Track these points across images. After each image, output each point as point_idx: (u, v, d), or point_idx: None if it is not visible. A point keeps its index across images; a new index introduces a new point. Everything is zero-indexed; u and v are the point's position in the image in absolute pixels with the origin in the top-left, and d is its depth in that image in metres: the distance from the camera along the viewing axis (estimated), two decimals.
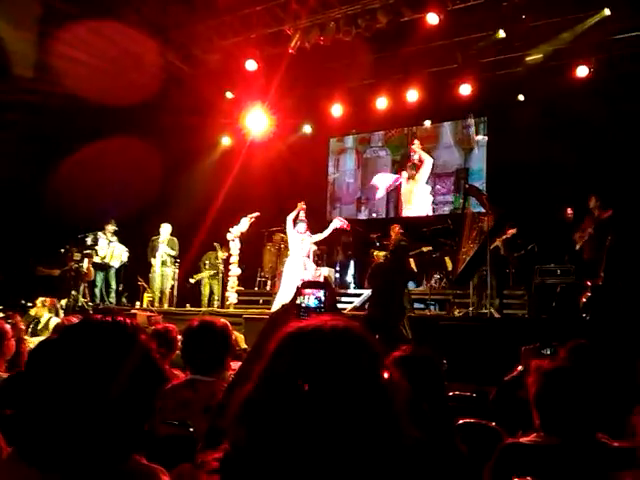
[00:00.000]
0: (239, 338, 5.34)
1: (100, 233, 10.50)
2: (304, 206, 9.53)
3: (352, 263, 11.47)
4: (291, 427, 0.94)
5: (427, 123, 12.16)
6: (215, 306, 10.60)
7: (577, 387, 1.90)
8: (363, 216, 12.98)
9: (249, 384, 1.04)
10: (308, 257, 9.54)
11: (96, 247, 10.28)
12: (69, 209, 10.05)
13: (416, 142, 11.32)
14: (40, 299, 7.20)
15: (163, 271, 10.55)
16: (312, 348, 1.00)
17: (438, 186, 12.09)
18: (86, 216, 10.63)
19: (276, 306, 9.01)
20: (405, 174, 11.30)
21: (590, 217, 8.24)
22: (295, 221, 9.32)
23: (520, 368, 2.96)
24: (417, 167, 11.16)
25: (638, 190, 8.46)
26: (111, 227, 10.68)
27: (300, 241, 9.23)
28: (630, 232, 7.81)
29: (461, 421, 2.46)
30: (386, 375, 1.03)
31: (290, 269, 9.27)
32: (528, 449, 1.86)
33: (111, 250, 10.52)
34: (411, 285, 9.23)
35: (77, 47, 9.09)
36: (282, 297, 8.95)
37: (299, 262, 9.24)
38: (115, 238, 10.72)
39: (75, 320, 4.40)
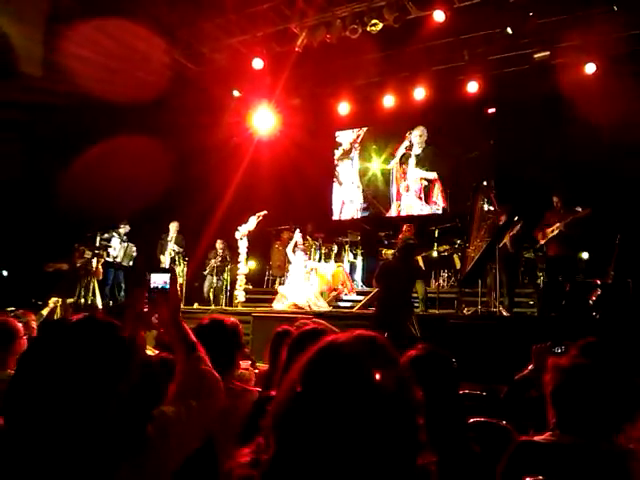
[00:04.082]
0: None
1: (113, 232, 10.55)
2: (300, 235, 10.07)
3: (360, 261, 11.46)
4: (321, 446, 0.95)
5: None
6: (223, 304, 10.64)
7: (596, 385, 1.88)
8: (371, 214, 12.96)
9: (278, 397, 1.06)
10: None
11: (108, 246, 10.32)
12: (78, 208, 10.10)
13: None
14: (52, 299, 7.21)
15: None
16: (340, 366, 1.02)
17: None
18: (95, 215, 10.69)
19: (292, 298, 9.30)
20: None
21: (554, 213, 8.19)
22: (294, 250, 9.83)
23: (531, 367, 2.95)
24: None
25: None
26: (125, 227, 10.71)
27: (303, 267, 9.75)
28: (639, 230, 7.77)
29: (472, 420, 2.45)
30: (409, 387, 1.04)
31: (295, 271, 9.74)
32: (542, 447, 1.84)
33: (123, 249, 10.57)
34: None
35: (85, 45, 9.11)
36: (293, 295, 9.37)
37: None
38: (126, 237, 10.77)
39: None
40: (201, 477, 1.95)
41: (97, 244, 10.22)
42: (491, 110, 11.18)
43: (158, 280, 1.69)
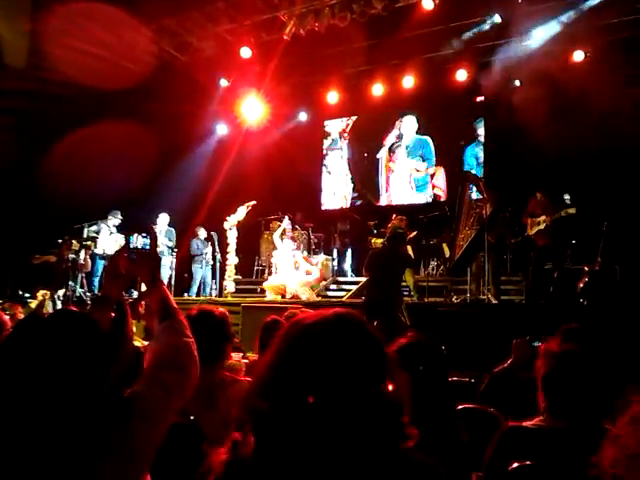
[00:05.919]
0: None
1: (102, 224, 10.43)
2: (289, 222, 9.97)
3: (349, 251, 11.47)
4: (297, 434, 0.94)
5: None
6: (213, 295, 10.62)
7: (588, 370, 1.90)
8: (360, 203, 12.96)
9: (255, 383, 1.04)
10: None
11: (96, 238, 10.21)
12: (65, 198, 10.01)
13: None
14: (41, 292, 7.16)
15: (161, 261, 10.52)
16: (316, 349, 1.01)
17: None
18: (82, 205, 10.59)
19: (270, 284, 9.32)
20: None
21: (538, 203, 8.10)
22: (282, 237, 9.75)
23: (510, 360, 2.98)
24: None
25: (633, 176, 8.46)
26: (115, 219, 10.55)
27: (291, 257, 9.69)
28: (626, 217, 7.82)
29: (460, 406, 2.47)
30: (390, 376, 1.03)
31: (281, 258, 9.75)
32: (532, 432, 1.85)
33: (112, 240, 10.46)
34: None
35: (70, 33, 9.01)
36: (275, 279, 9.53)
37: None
38: (115, 229, 10.67)
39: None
40: (190, 468, 1.96)
41: (85, 235, 10.12)
42: (480, 98, 11.18)
43: (137, 241, 1.72)
